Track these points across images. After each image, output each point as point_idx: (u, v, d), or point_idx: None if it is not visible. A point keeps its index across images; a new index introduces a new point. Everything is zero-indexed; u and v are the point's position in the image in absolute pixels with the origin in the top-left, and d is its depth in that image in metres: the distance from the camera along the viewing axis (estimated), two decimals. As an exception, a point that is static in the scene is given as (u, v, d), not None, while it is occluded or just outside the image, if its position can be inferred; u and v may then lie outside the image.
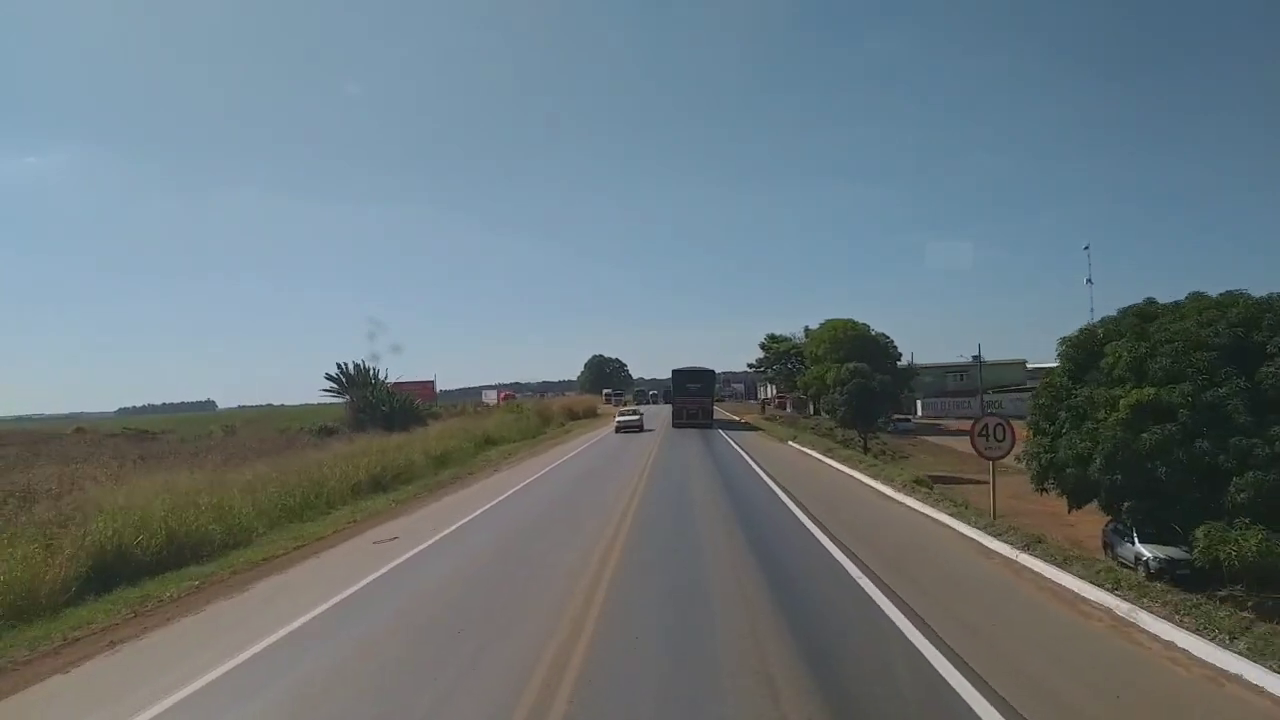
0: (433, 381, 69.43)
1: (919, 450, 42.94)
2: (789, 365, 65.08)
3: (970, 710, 4.88)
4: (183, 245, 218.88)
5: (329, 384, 45.77)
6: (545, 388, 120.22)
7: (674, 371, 40.75)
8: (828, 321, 51.86)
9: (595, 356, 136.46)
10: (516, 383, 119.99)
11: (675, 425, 37.29)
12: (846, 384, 39.09)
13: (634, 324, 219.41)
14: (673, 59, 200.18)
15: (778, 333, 68.23)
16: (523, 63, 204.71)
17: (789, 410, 66.79)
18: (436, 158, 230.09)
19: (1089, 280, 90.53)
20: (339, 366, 45.88)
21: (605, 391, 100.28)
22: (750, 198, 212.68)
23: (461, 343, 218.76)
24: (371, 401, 40.81)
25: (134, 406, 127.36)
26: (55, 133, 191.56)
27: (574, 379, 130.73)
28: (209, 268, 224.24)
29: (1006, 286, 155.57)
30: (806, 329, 60.69)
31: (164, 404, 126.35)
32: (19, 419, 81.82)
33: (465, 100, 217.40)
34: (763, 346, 68.97)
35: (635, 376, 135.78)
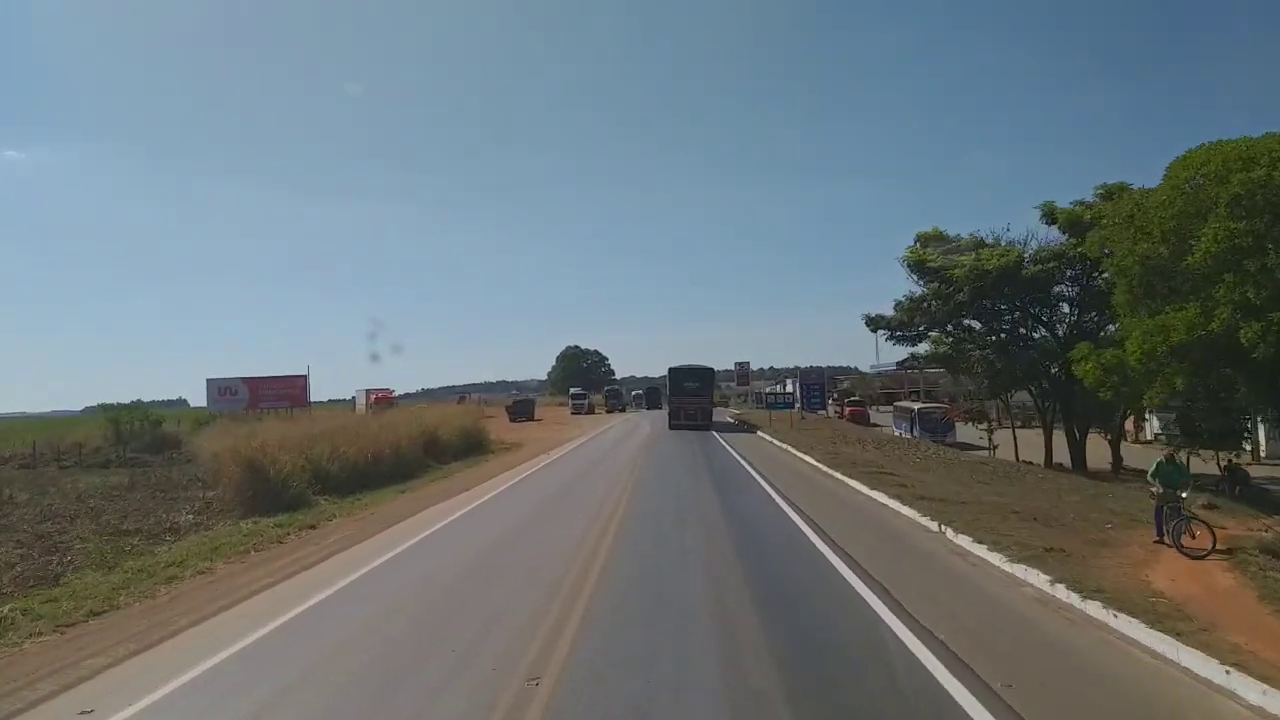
0: (304, 378, 44.43)
1: None
2: (1005, 317, 27.61)
3: None
4: (165, 243, 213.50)
5: None
6: (540, 386, 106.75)
7: (670, 370, 37.92)
8: (1212, 147, 14.58)
9: (569, 348, 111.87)
10: (503, 380, 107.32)
11: (671, 426, 35.14)
12: None
13: (627, 323, 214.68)
14: (667, 59, 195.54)
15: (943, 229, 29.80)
16: (513, 62, 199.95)
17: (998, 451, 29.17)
18: (427, 156, 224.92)
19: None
20: None
21: (572, 391, 71.69)
22: (753, 195, 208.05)
23: (455, 341, 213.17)
24: None
25: (97, 405, 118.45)
26: (46, 128, 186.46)
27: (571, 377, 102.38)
28: (188, 266, 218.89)
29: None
30: (1050, 209, 25.97)
31: (133, 401, 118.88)
32: (-10, 416, 76.90)
33: (460, 100, 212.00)
34: (913, 264, 28.76)
35: (622, 376, 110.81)
